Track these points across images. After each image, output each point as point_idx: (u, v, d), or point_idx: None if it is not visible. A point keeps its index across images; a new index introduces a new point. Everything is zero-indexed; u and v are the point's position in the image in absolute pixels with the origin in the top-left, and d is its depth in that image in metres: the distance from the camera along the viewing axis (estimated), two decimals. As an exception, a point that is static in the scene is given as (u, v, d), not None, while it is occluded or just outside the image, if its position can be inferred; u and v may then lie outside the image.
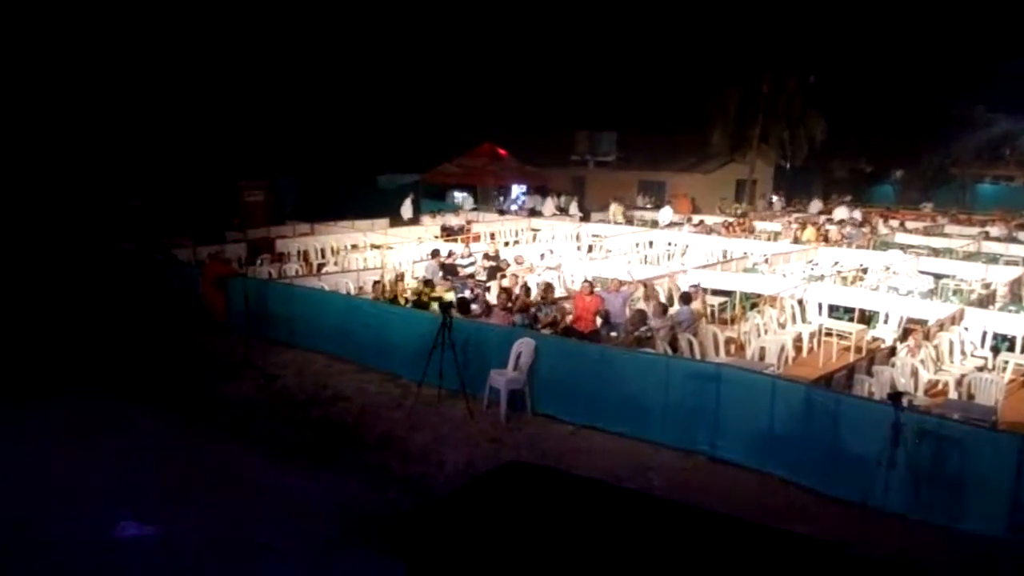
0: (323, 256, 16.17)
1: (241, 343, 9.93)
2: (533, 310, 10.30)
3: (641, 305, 10.75)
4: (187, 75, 23.21)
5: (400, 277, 12.39)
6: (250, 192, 20.61)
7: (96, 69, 21.31)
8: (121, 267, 13.64)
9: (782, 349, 10.03)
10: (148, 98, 22.22)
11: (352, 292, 11.94)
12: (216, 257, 12.79)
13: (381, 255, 14.90)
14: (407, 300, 11.30)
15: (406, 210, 21.17)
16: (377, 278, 12.30)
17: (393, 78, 28.73)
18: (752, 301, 12.30)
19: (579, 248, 17.32)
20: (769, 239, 18.73)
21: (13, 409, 7.72)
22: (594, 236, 18.50)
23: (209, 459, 6.77)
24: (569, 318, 10.30)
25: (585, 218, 22.58)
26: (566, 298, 11.25)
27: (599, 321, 10.06)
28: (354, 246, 16.40)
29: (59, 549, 4.98)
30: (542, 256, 15.37)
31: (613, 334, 9.98)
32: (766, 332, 10.49)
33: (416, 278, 12.66)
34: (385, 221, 19.60)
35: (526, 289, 11.34)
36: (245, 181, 20.64)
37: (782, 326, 10.95)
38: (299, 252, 16.00)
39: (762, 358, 9.75)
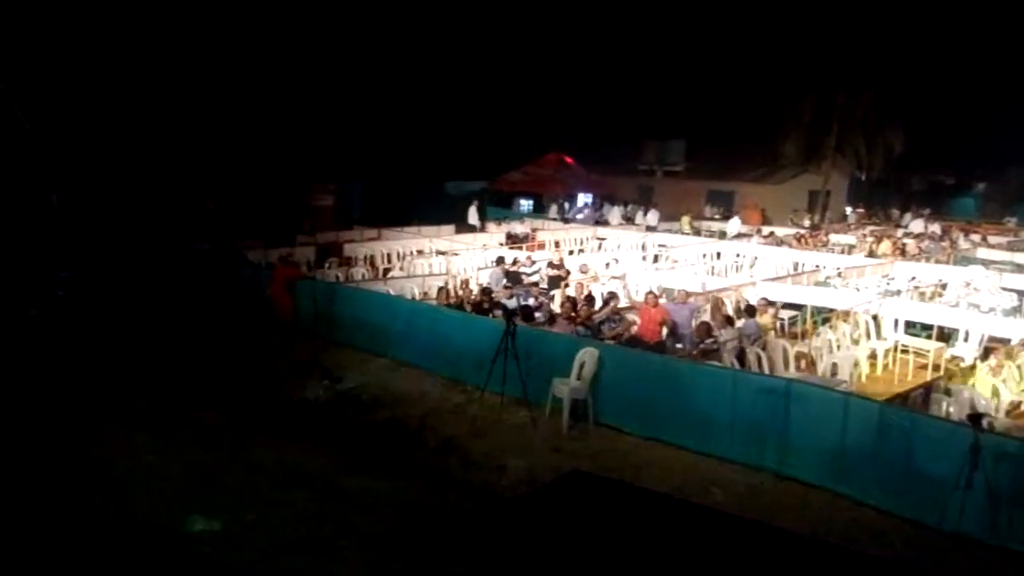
0: (389, 261, 16.36)
1: (308, 344, 10.11)
2: (597, 320, 10.22)
3: (707, 317, 10.56)
4: (262, 81, 23.83)
5: (465, 284, 12.44)
6: (320, 196, 21.04)
7: (175, 77, 22.06)
8: (196, 266, 14.05)
9: (855, 365, 9.70)
10: (223, 104, 22.88)
11: (417, 297, 12.05)
12: (286, 260, 13.07)
13: (446, 261, 15.01)
14: (471, 306, 11.34)
15: (472, 217, 21.30)
16: (442, 284, 12.38)
17: (464, 85, 29.01)
18: (824, 316, 11.95)
19: (645, 258, 17.13)
20: (843, 252, 18.20)
21: (95, 396, 8.02)
22: (660, 246, 18.28)
23: (276, 456, 6.89)
24: (634, 329, 10.18)
25: (652, 227, 22.34)
26: (631, 308, 11.13)
27: (664, 332, 9.93)
28: (420, 252, 16.55)
29: (128, 535, 5.14)
30: (607, 265, 15.24)
31: (679, 346, 9.83)
32: (838, 348, 10.17)
33: (480, 285, 12.70)
34: (451, 227, 19.74)
35: (590, 299, 11.25)
36: (315, 185, 21.09)
37: (855, 342, 10.60)
38: (366, 256, 16.22)
39: (834, 374, 9.45)
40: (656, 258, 17.06)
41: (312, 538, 5.36)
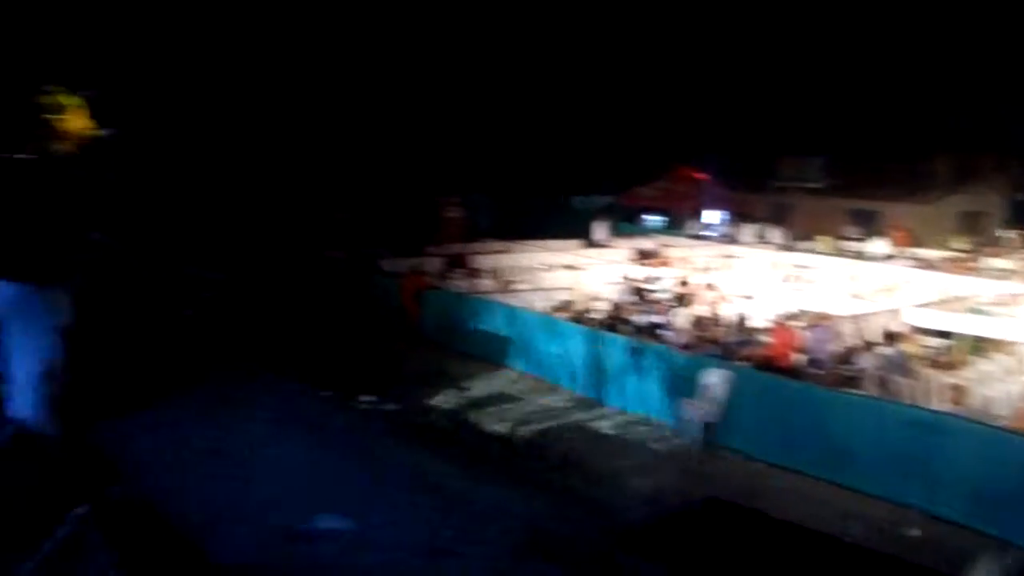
0: (515, 274, 16.46)
1: (434, 353, 10.29)
2: (727, 340, 9.87)
3: (847, 342, 9.99)
4: (396, 94, 24.60)
5: (590, 298, 12.34)
6: (449, 209, 21.49)
7: (314, 90, 23.09)
8: (329, 275, 14.62)
9: (1014, 400, 8.91)
10: (359, 116, 23.76)
11: (542, 310, 12.04)
12: (415, 270, 13.39)
13: (572, 275, 14.94)
14: (597, 322, 11.22)
15: (598, 232, 21.13)
16: (568, 298, 12.32)
17: (594, 99, 28.95)
18: (977, 345, 11.05)
19: (778, 278, 16.44)
20: (1001, 278, 16.82)
21: (232, 394, 8.44)
22: (796, 266, 17.50)
23: (401, 461, 7.01)
24: (766, 351, 9.76)
25: (788, 247, 21.44)
26: (764, 330, 10.68)
27: (799, 356, 9.47)
28: (546, 265, 16.57)
29: (260, 531, 5.33)
30: (738, 285, 14.73)
31: (814, 371, 9.34)
32: (995, 380, 9.37)
33: (606, 300, 12.55)
34: (577, 242, 19.65)
35: (720, 318, 10.89)
36: (444, 198, 21.58)
37: (1014, 374, 9.74)
38: (492, 268, 16.39)
39: (989, 408, 8.71)
40: (791, 279, 16.34)
41: (436, 545, 5.39)
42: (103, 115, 5.57)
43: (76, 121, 5.61)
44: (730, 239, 22.77)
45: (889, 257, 19.92)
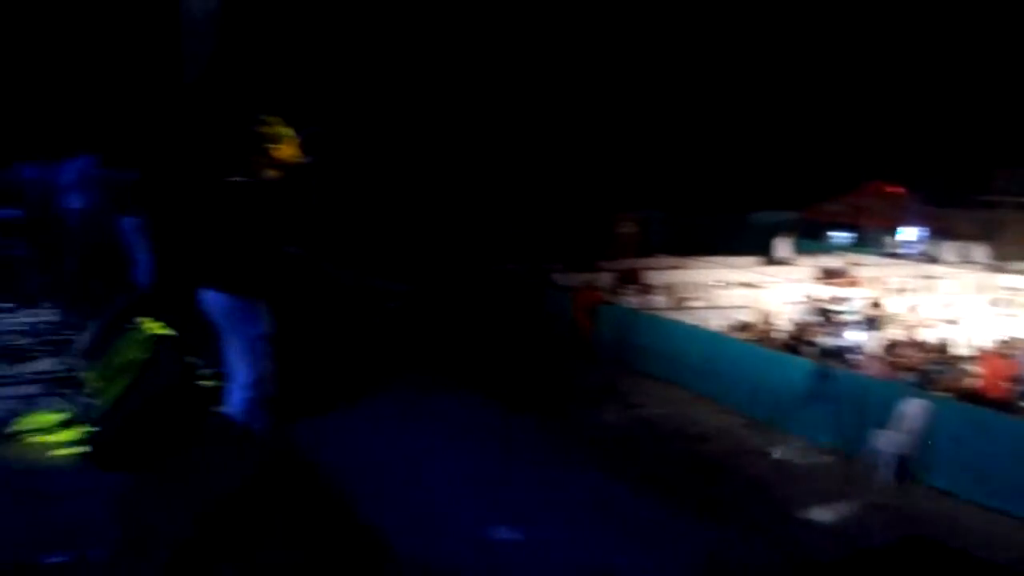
0: (689, 291, 16.05)
1: (607, 370, 10.19)
2: (925, 368, 9.06)
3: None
4: (570, 110, 24.77)
5: (771, 318, 11.77)
6: (623, 224, 21.34)
7: (490, 106, 23.68)
8: (505, 287, 14.90)
9: None
10: (534, 131, 24.11)
11: (719, 329, 11.63)
12: (588, 285, 13.38)
13: (751, 294, 14.34)
14: (778, 343, 10.68)
15: (781, 249, 20.19)
16: (746, 317, 11.83)
17: (771, 111, 27.79)
18: None
19: (986, 302, 14.94)
20: None
21: (414, 403, 8.77)
22: (1007, 289, 15.83)
23: (574, 477, 6.97)
24: (973, 381, 8.86)
25: (997, 267, 19.48)
26: (970, 358, 9.72)
27: (1012, 388, 8.52)
28: (722, 282, 16.03)
29: (441, 537, 5.46)
30: (939, 308, 13.52)
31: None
32: None
33: (788, 320, 11.92)
34: (756, 259, 18.90)
35: (919, 344, 10.02)
36: (618, 213, 21.44)
37: None
38: (666, 285, 16.08)
39: None
40: (1002, 302, 14.80)
41: (610, 565, 5.30)
42: (311, 144, 6.01)
43: (287, 149, 6.08)
44: (929, 258, 21.03)
45: None
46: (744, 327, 11.21)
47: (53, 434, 7.36)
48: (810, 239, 23.14)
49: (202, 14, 9.45)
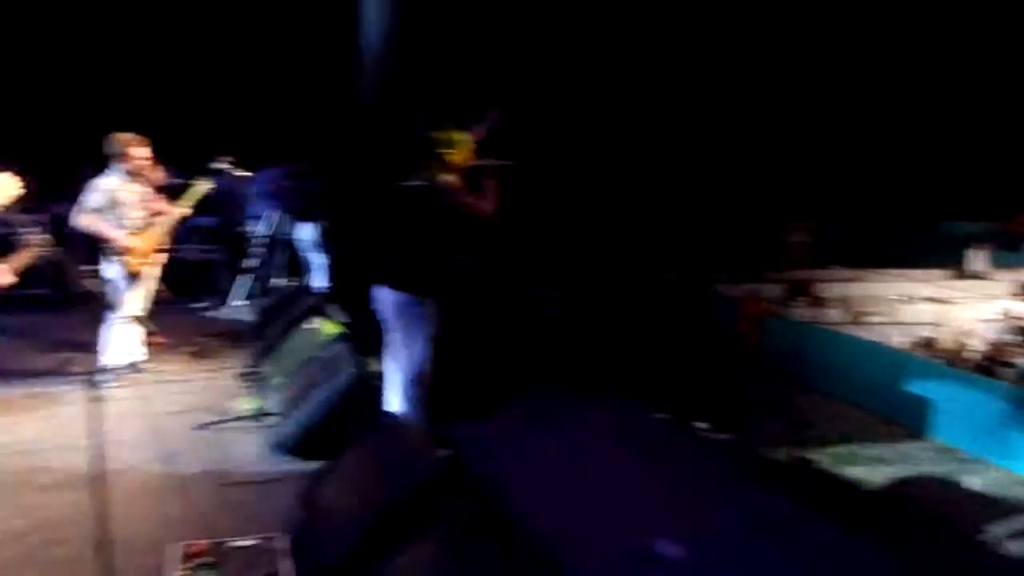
0: (867, 304, 15.02)
1: (775, 385, 9.74)
2: None
3: None
4: (740, 114, 23.88)
5: (961, 336, 10.78)
6: (794, 233, 20.33)
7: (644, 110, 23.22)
8: (664, 296, 14.59)
9: None
10: (698, 134, 23.44)
11: (900, 346, 10.79)
12: (755, 295, 12.85)
13: (938, 309, 13.23)
14: (969, 363, 9.76)
15: (975, 262, 18.52)
16: (932, 334, 10.91)
17: (968, 114, 25.55)
18: None
19: None
20: None
21: (567, 409, 8.75)
22: None
23: (739, 495, 6.67)
24: None
25: None
26: None
27: None
28: (905, 296, 14.90)
29: (601, 548, 5.40)
30: None
31: None
32: None
33: (982, 340, 10.88)
34: (945, 272, 17.45)
35: None
36: (789, 222, 20.46)
37: None
38: (841, 298, 15.14)
39: None
40: None
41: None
42: (487, 150, 6.19)
43: (462, 155, 6.30)
44: None
45: None
46: (929, 345, 10.32)
47: (242, 424, 7.95)
48: (1008, 251, 21.09)
49: (378, 34, 9.96)
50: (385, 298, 6.17)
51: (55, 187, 14.84)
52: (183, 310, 12.09)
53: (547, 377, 10.11)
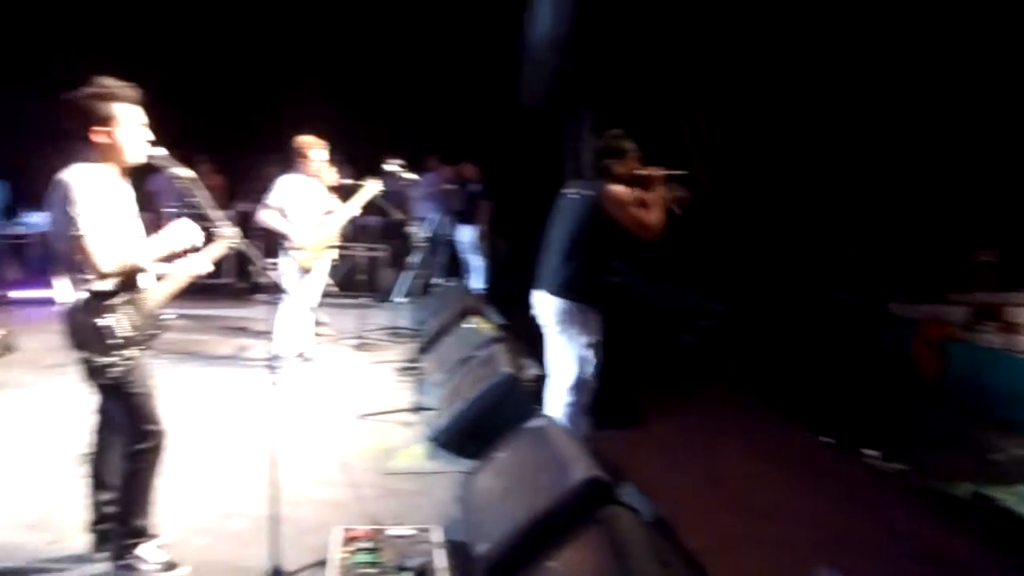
0: (1066, 333, 13.54)
1: (956, 415, 8.97)
2: None
3: None
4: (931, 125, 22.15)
5: None
6: (981, 253, 18.68)
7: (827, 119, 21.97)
8: (834, 316, 13.79)
9: None
10: (880, 141, 21.94)
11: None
12: (935, 318, 11.90)
13: None
14: None
15: None
16: None
17: None
18: None
19: None
20: None
21: (725, 425, 8.45)
22: None
23: (911, 529, 6.20)
24: None
25: None
26: None
27: None
28: (1115, 326, 13.30)
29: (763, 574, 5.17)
30: None
31: None
32: None
33: None
34: None
35: None
36: (975, 240, 18.80)
37: None
38: (1037, 323, 13.72)
39: None
40: None
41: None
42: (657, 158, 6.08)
43: (629, 164, 6.22)
44: None
45: None
46: None
47: (402, 417, 8.20)
48: None
49: (546, 35, 10.01)
50: (546, 303, 6.17)
51: (240, 185, 16.07)
52: (349, 305, 12.68)
53: (707, 391, 9.82)
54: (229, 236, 4.78)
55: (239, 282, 15.09)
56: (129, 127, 4.38)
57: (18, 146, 12.86)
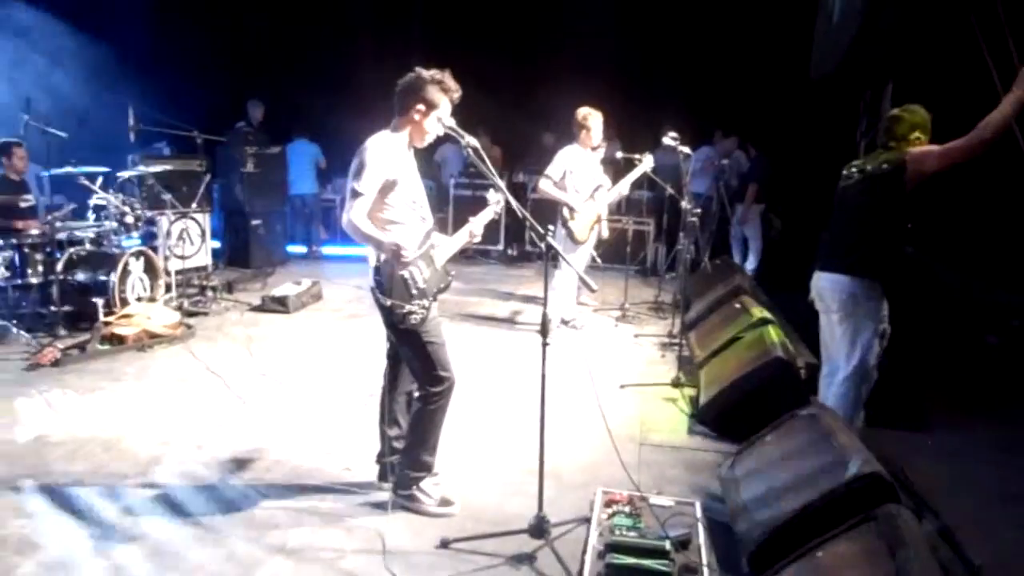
0: None
1: None
2: None
3: None
4: None
5: None
6: None
7: None
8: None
9: None
10: None
11: None
12: None
13: None
14: None
15: None
16: None
17: None
18: None
19: None
20: None
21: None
22: None
23: None
24: None
25: None
26: None
27: None
28: None
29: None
30: None
31: None
32: None
33: None
34: None
35: None
36: None
37: None
38: None
39: None
40: None
41: None
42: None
43: (924, 140, 5.69)
44: None
45: None
46: None
47: (661, 390, 8.22)
48: None
49: (843, 9, 9.29)
50: (830, 286, 5.81)
51: (516, 156, 16.81)
52: (615, 276, 12.86)
53: (1009, 401, 8.73)
54: (504, 204, 5.09)
55: (510, 249, 15.89)
56: (439, 117, 4.86)
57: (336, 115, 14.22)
